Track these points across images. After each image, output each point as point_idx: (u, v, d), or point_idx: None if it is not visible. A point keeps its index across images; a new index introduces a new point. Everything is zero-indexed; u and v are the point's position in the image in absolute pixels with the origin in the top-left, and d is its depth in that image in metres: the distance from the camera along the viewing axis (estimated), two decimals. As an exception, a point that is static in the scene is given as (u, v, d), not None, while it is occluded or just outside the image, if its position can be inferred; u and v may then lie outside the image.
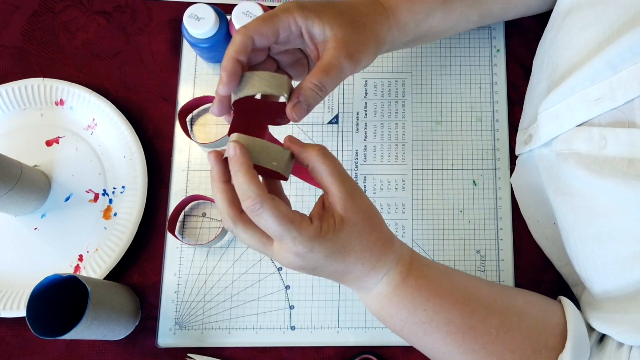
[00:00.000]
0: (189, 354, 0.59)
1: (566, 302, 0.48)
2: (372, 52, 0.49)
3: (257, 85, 0.43)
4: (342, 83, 0.65)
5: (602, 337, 0.47)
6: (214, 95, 0.63)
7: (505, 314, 0.45)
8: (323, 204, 0.44)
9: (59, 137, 0.64)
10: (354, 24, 0.47)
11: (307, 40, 0.47)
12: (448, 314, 0.45)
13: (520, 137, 0.57)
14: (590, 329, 0.48)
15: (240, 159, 0.40)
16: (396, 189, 0.62)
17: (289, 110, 0.44)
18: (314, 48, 0.47)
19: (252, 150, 0.41)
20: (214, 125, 0.64)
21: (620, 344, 0.44)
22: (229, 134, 0.44)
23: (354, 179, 0.62)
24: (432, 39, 0.57)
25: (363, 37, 0.47)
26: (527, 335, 0.45)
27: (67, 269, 0.60)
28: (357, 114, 0.64)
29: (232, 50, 0.44)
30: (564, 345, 0.44)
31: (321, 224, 0.42)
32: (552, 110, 0.49)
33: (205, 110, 0.65)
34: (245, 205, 0.40)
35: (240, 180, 0.40)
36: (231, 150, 0.41)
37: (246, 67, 0.45)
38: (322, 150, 0.42)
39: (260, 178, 0.42)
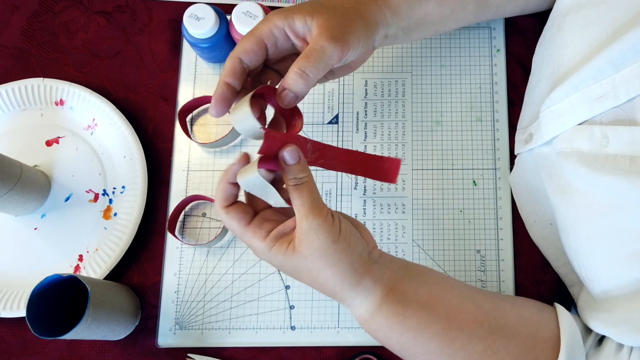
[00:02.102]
0: (189, 354, 0.59)
1: (561, 310, 0.48)
2: (362, 33, 0.47)
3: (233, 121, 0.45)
4: (342, 83, 0.65)
5: (601, 340, 0.47)
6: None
7: (491, 338, 0.45)
8: (295, 224, 0.44)
9: (59, 137, 0.64)
10: (335, 8, 0.46)
11: (294, 38, 0.46)
12: (424, 346, 0.44)
13: (519, 136, 0.57)
14: (587, 333, 0.47)
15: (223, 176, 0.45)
16: (396, 189, 0.62)
17: (277, 98, 0.45)
18: (303, 43, 0.46)
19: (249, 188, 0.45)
20: (214, 125, 0.64)
21: (620, 346, 0.44)
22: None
23: (352, 179, 0.62)
24: (432, 29, 0.55)
25: (347, 18, 0.46)
26: (516, 355, 0.44)
27: (67, 269, 0.60)
28: (357, 114, 0.64)
29: (222, 76, 0.45)
30: (556, 357, 0.44)
31: (274, 244, 0.43)
32: (554, 109, 0.49)
33: (205, 110, 0.65)
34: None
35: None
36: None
37: (239, 88, 0.45)
38: (298, 179, 0.43)
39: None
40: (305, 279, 0.45)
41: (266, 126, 0.47)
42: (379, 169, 0.50)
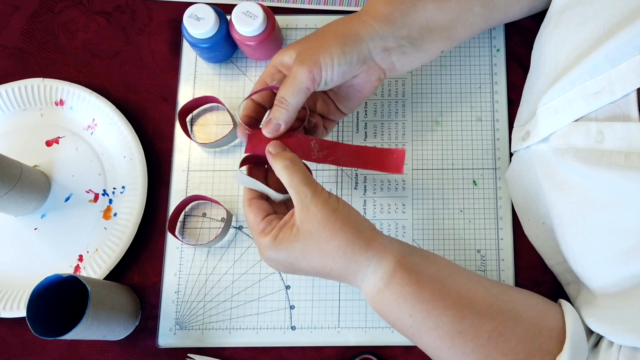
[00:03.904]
0: (189, 354, 0.58)
1: (566, 305, 0.48)
2: (335, 49, 0.48)
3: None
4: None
5: (599, 342, 0.47)
6: (214, 95, 0.63)
7: (499, 319, 0.45)
8: (293, 212, 0.47)
9: (59, 137, 0.64)
10: (316, 34, 0.50)
11: (286, 72, 0.50)
12: (436, 320, 0.45)
13: (516, 134, 0.57)
14: (589, 332, 0.48)
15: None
16: (396, 189, 0.62)
17: (262, 128, 0.49)
18: None
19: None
20: (214, 125, 0.64)
21: (611, 343, 0.44)
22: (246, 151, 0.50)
23: (352, 179, 0.62)
24: (444, 37, 0.54)
25: (318, 40, 0.49)
26: (522, 338, 0.45)
27: (67, 269, 0.60)
28: (357, 114, 0.64)
29: (241, 117, 0.52)
30: (560, 349, 0.44)
31: (278, 234, 0.46)
32: (551, 105, 0.49)
33: (206, 111, 0.65)
34: None
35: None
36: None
37: (257, 121, 0.53)
38: (286, 161, 0.47)
39: None
40: (315, 262, 0.46)
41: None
42: (387, 161, 0.53)
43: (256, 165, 0.52)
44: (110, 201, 0.62)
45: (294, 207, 0.46)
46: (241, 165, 0.52)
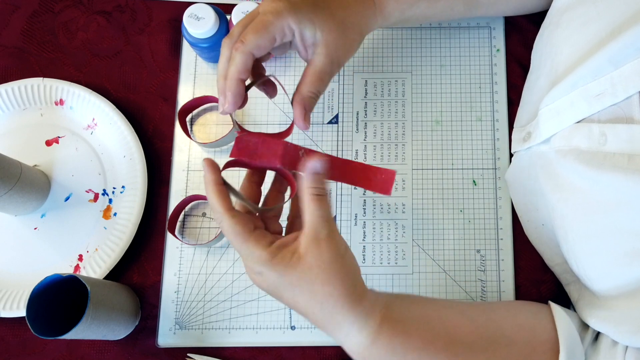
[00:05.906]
0: (188, 354, 0.59)
1: (556, 310, 0.48)
2: (355, 48, 0.52)
3: None
4: (342, 83, 0.65)
5: (597, 336, 0.47)
6: (215, 95, 0.63)
7: (491, 349, 0.45)
8: (297, 236, 0.43)
9: (58, 137, 0.64)
10: (343, 25, 0.49)
11: (298, 41, 0.48)
12: None
13: (517, 134, 0.57)
14: (584, 329, 0.48)
15: (208, 176, 0.43)
16: (396, 189, 0.62)
17: (300, 123, 0.48)
18: (303, 48, 0.49)
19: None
20: (213, 125, 0.64)
21: (615, 342, 0.44)
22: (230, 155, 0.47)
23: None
24: (414, 24, 0.64)
25: (350, 39, 0.50)
26: None
27: (67, 269, 0.60)
28: (357, 114, 0.64)
29: (234, 72, 0.45)
30: (556, 358, 0.44)
31: (278, 253, 0.42)
32: (552, 107, 0.49)
33: (205, 110, 0.65)
34: (214, 217, 0.44)
35: (209, 195, 0.43)
36: (204, 168, 0.43)
37: (249, 81, 0.49)
38: (321, 191, 0.42)
39: None
40: (301, 299, 0.43)
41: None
42: (375, 179, 0.51)
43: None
44: (110, 201, 0.62)
45: (303, 234, 0.42)
46: (223, 168, 0.46)
